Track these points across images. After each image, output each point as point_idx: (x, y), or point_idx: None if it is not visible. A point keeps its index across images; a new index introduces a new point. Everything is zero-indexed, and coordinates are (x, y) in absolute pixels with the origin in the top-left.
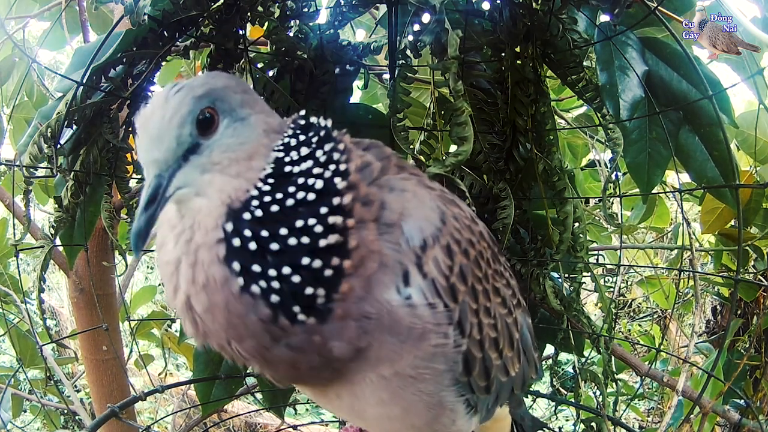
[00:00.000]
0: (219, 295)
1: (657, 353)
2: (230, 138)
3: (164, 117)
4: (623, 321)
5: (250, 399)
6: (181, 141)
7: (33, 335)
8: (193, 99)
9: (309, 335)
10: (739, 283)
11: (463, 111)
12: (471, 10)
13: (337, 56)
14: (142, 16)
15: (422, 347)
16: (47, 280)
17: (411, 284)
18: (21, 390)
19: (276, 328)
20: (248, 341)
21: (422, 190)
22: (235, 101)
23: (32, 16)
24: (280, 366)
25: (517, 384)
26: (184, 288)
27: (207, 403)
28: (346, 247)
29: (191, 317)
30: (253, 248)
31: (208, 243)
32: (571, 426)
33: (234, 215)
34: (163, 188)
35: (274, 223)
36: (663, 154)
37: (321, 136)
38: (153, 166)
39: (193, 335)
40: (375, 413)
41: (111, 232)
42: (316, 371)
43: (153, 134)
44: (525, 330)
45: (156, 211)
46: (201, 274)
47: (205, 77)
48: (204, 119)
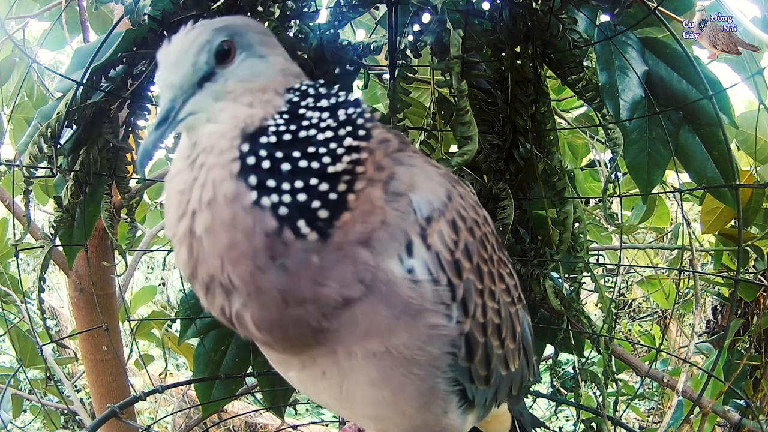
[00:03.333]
0: (226, 211)
1: (657, 353)
2: (246, 70)
3: (183, 46)
4: (623, 321)
5: (250, 399)
6: (197, 68)
7: (33, 335)
8: (213, 30)
9: (307, 255)
10: (739, 283)
11: (466, 110)
12: (471, 10)
13: (337, 56)
14: (142, 16)
15: (417, 326)
16: (47, 280)
17: (414, 255)
18: (21, 390)
19: (279, 242)
20: (244, 263)
21: (430, 168)
22: (254, 39)
23: (32, 16)
24: (268, 305)
25: (515, 383)
26: (190, 209)
27: (207, 403)
28: (352, 186)
29: (188, 242)
30: (266, 166)
31: (222, 162)
32: (572, 426)
33: (250, 138)
34: (176, 111)
35: (288, 147)
36: (663, 154)
37: (349, 101)
38: (168, 90)
39: (184, 264)
40: (364, 395)
41: (111, 232)
42: (301, 320)
43: (171, 61)
44: (526, 327)
45: (166, 131)
46: (209, 191)
47: (225, 17)
48: (221, 50)
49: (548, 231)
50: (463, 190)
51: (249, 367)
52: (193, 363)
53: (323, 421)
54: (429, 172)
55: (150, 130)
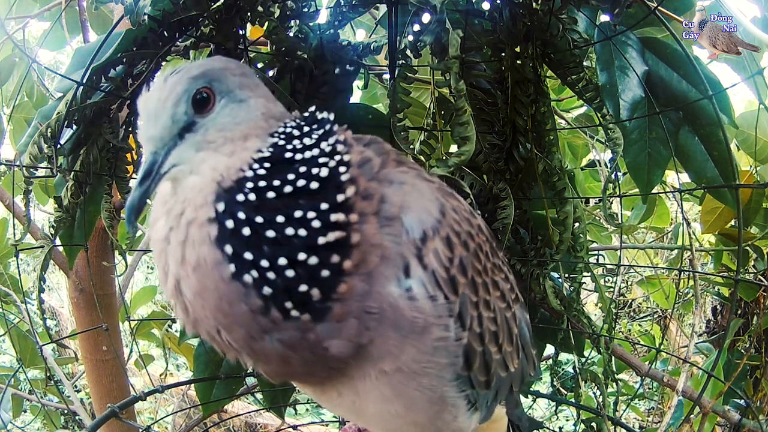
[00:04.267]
0: (210, 279)
1: (657, 353)
2: (226, 117)
3: (161, 96)
4: (623, 321)
5: (250, 399)
6: (177, 119)
7: (33, 335)
8: (190, 78)
9: (302, 332)
10: (739, 283)
11: (465, 111)
12: (471, 10)
13: (337, 56)
14: (142, 16)
15: (424, 341)
16: (47, 280)
17: (411, 276)
18: (21, 390)
19: (266, 320)
20: (237, 331)
21: (421, 183)
22: (233, 83)
23: (32, 16)
24: (271, 360)
25: (516, 381)
26: (173, 270)
27: (207, 403)
28: (347, 244)
29: (182, 302)
30: (246, 234)
31: (199, 220)
32: (572, 426)
33: (225, 195)
34: (158, 164)
35: (270, 210)
36: (663, 154)
37: (326, 130)
38: (150, 143)
39: (184, 322)
40: (376, 410)
41: (111, 232)
42: (309, 368)
43: (150, 113)
44: (523, 325)
45: (150, 187)
46: (192, 253)
47: (203, 60)
48: (200, 98)
49: (548, 231)
50: (456, 202)
51: (249, 367)
52: (194, 363)
53: (323, 421)
54: (420, 188)
55: (134, 185)
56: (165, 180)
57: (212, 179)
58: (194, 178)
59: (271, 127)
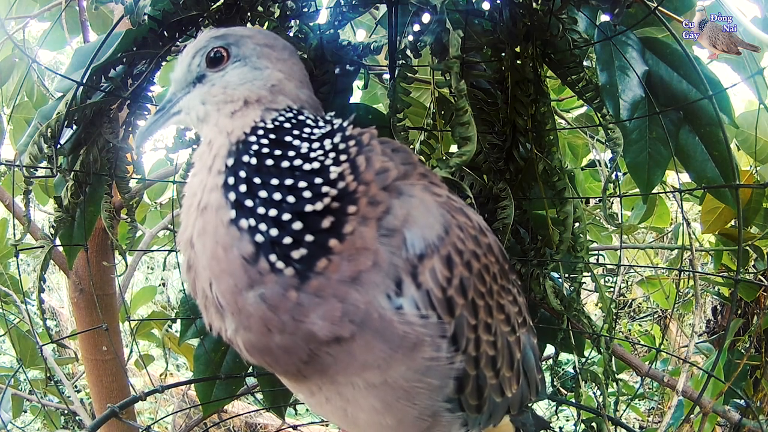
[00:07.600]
0: (211, 221)
1: (657, 353)
2: (233, 77)
3: (188, 49)
4: (623, 321)
5: (250, 399)
6: (191, 69)
7: (33, 335)
8: (211, 38)
9: (284, 290)
10: (739, 283)
11: (465, 111)
12: (471, 10)
13: (337, 56)
14: (142, 16)
15: (415, 358)
16: (47, 280)
17: (404, 294)
18: (21, 390)
19: (254, 269)
20: (226, 280)
21: (429, 197)
22: (251, 50)
23: (32, 16)
24: (252, 325)
25: (514, 405)
26: (192, 215)
27: (207, 403)
28: (338, 229)
29: (188, 253)
30: (243, 190)
31: (215, 169)
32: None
33: (235, 153)
34: (172, 104)
35: (267, 174)
36: (663, 154)
37: (335, 128)
38: (173, 83)
39: (186, 277)
40: (368, 420)
41: (111, 232)
42: (288, 347)
43: (180, 59)
44: (528, 350)
45: (159, 120)
46: (205, 198)
47: (232, 27)
48: (213, 56)
49: (548, 231)
50: (464, 219)
51: (249, 367)
52: (194, 363)
53: (323, 421)
54: (428, 203)
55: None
56: (173, 121)
57: (226, 136)
58: (207, 130)
59: (277, 102)
